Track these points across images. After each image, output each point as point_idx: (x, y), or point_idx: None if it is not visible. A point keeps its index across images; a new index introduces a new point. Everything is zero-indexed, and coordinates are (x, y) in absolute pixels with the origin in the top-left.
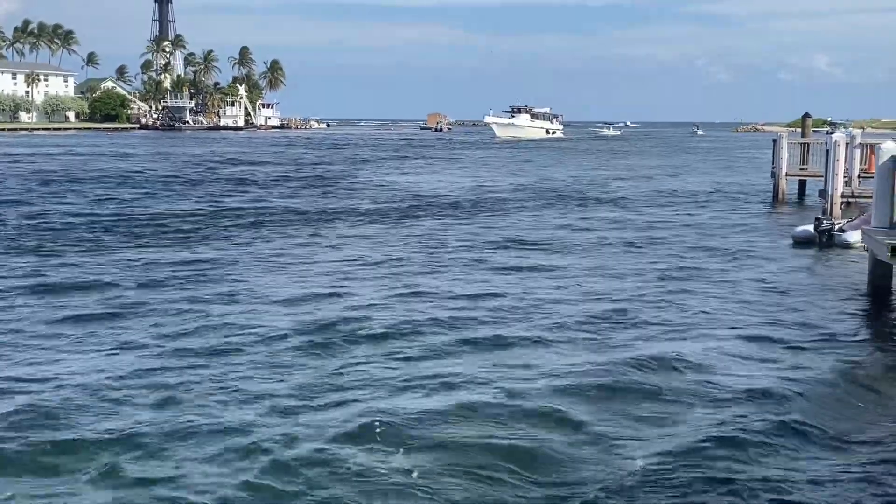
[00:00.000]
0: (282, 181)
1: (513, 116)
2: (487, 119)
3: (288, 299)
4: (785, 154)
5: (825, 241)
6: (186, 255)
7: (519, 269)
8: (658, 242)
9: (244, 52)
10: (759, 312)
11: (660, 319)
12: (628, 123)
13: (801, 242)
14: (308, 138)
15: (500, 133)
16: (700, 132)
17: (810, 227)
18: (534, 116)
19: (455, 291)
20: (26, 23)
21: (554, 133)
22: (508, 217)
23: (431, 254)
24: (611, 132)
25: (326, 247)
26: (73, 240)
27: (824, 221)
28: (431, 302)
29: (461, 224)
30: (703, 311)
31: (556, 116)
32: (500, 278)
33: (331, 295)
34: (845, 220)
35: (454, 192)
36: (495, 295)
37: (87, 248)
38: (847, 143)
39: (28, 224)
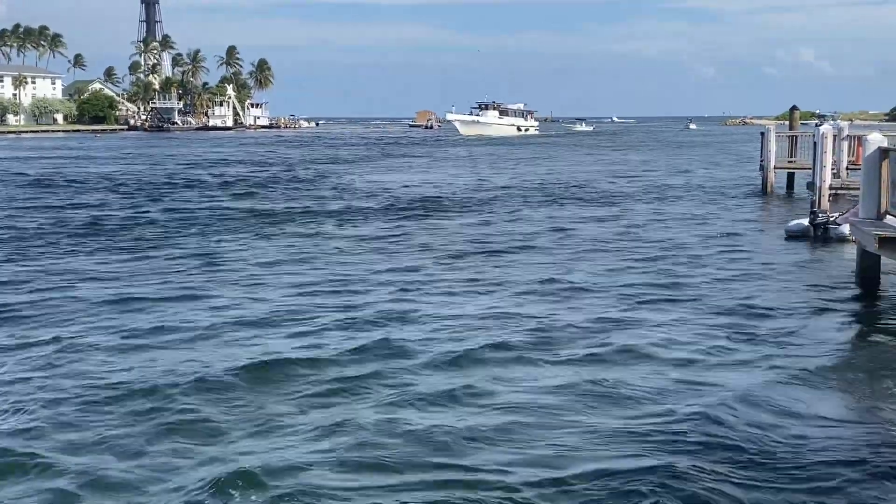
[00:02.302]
0: (271, 182)
1: (479, 113)
2: (449, 116)
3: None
4: (773, 147)
5: (821, 234)
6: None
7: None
8: (643, 240)
9: (231, 51)
10: (750, 309)
11: (647, 315)
12: (614, 119)
13: (795, 236)
14: (299, 138)
15: (465, 131)
16: (693, 126)
17: (804, 221)
18: (503, 113)
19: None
20: (16, 26)
21: (527, 130)
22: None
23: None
24: (583, 128)
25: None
26: (49, 244)
27: (820, 215)
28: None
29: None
30: (692, 307)
31: (530, 112)
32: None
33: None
34: (838, 214)
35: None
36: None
37: (59, 252)
38: (835, 136)
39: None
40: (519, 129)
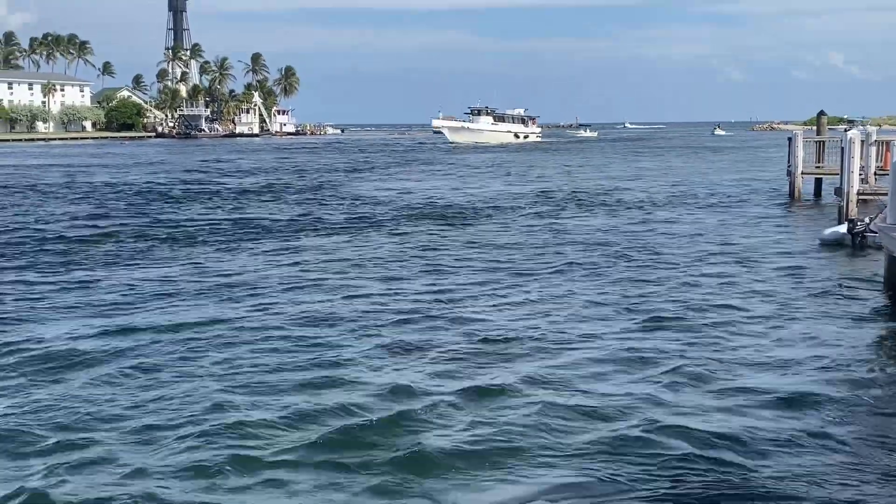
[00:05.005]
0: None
1: (472, 119)
2: (436, 123)
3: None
4: (800, 152)
5: (858, 242)
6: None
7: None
8: (668, 249)
9: (256, 58)
10: (782, 327)
11: (672, 325)
12: (627, 125)
13: (830, 245)
14: (328, 144)
15: (454, 138)
16: (720, 131)
17: (839, 229)
18: (498, 119)
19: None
20: (46, 35)
21: (526, 137)
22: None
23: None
24: (587, 134)
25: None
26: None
27: (859, 223)
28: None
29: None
30: (716, 317)
31: (532, 118)
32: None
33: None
34: (868, 220)
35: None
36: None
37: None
38: (863, 141)
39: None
40: (517, 135)
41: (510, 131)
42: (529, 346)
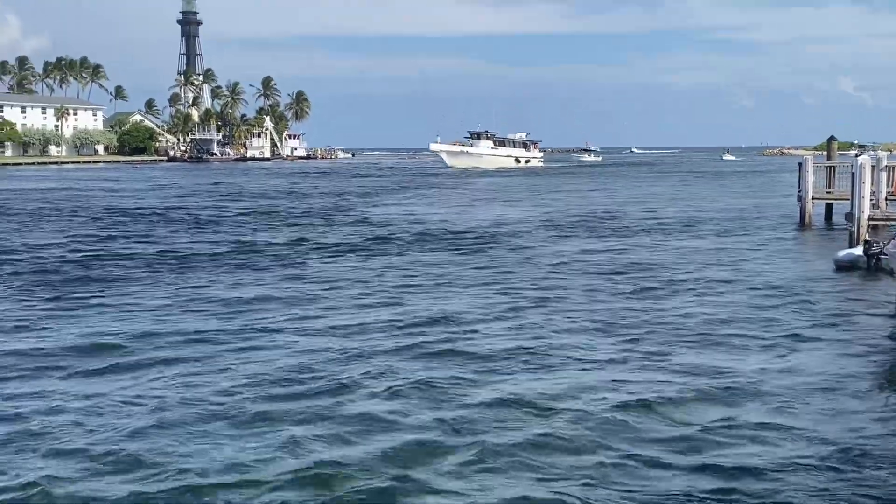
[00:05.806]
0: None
1: (472, 143)
2: (433, 147)
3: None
4: (811, 178)
5: (874, 265)
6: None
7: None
8: (680, 275)
9: (267, 82)
10: (793, 350)
11: (690, 350)
12: (634, 150)
13: (844, 267)
14: (342, 168)
15: (452, 162)
16: (729, 157)
17: (854, 251)
18: (498, 143)
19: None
20: (59, 59)
21: (528, 162)
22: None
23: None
24: (590, 158)
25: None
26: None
27: (875, 244)
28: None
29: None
30: (732, 339)
31: (533, 143)
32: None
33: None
34: (882, 243)
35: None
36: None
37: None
38: (873, 166)
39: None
40: (518, 160)
41: (511, 156)
42: (531, 375)
